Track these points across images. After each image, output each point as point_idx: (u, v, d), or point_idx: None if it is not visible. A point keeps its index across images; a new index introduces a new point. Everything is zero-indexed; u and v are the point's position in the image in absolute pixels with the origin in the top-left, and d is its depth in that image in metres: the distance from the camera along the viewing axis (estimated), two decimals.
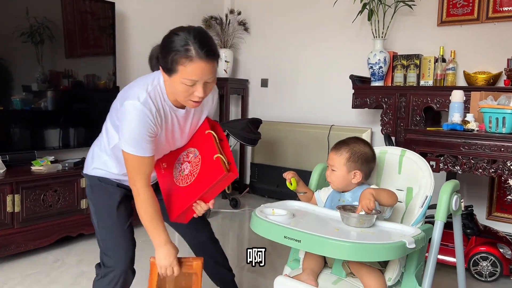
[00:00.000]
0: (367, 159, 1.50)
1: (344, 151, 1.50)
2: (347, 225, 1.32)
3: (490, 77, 3.01)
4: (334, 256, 1.28)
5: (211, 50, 1.32)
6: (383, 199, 1.36)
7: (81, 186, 2.92)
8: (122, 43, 3.69)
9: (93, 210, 1.61)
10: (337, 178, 1.50)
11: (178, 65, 1.30)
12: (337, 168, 1.49)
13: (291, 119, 4.14)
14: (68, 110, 3.21)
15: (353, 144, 1.52)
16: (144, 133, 1.36)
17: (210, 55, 1.31)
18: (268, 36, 4.32)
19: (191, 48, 1.29)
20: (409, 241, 1.18)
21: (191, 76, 1.31)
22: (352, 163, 1.48)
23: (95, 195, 1.60)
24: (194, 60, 1.29)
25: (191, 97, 1.36)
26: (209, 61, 1.31)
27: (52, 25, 3.06)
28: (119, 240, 1.59)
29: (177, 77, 1.32)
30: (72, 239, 2.95)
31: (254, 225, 1.35)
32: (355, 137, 1.57)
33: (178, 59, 1.30)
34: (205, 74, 1.32)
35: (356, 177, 1.48)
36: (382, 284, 1.33)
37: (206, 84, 1.35)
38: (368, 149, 1.52)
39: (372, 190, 1.35)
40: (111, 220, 1.57)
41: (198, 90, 1.34)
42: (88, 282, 2.35)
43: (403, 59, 3.33)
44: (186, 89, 1.34)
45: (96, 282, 1.63)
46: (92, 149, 1.64)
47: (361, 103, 3.32)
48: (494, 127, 2.23)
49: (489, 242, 2.52)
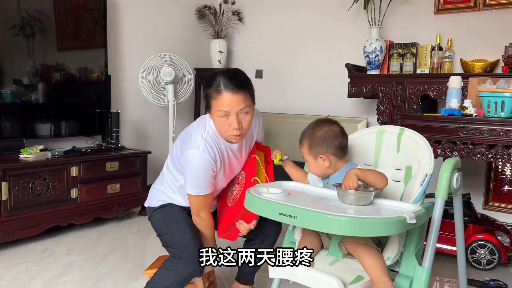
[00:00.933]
0: (326, 139, 1.43)
1: (304, 141, 1.47)
2: (344, 203, 1.27)
3: (488, 64, 2.97)
4: (332, 232, 1.22)
5: (238, 82, 1.46)
6: (370, 179, 1.30)
7: (71, 175, 2.85)
8: (114, 35, 3.62)
9: (165, 224, 1.68)
10: (312, 168, 1.49)
11: (212, 99, 1.47)
12: (306, 159, 1.48)
13: (286, 110, 4.08)
14: (59, 103, 3.15)
15: (310, 130, 1.47)
16: (206, 177, 1.55)
17: (237, 87, 1.44)
18: (262, 26, 4.26)
19: (220, 83, 1.44)
20: (410, 216, 1.13)
21: (222, 107, 1.45)
22: (314, 150, 1.44)
23: (162, 214, 1.71)
24: (223, 92, 1.44)
25: (229, 131, 1.49)
26: (236, 92, 1.44)
27: (43, 18, 3.00)
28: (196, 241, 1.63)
29: (213, 112, 1.48)
30: (62, 229, 2.88)
31: (248, 203, 1.30)
32: (314, 121, 1.51)
33: (211, 94, 1.47)
34: (234, 104, 1.44)
35: (325, 160, 1.43)
36: (381, 264, 1.28)
37: (239, 116, 1.47)
38: (326, 128, 1.45)
39: (357, 170, 1.29)
40: (186, 223, 1.66)
41: (232, 121, 1.46)
42: (78, 271, 2.29)
43: (399, 47, 3.28)
44: (222, 122, 1.48)
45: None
46: (154, 187, 1.81)
47: (357, 92, 3.27)
48: (493, 112, 2.19)
49: (487, 229, 2.48)
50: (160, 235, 1.71)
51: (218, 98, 1.45)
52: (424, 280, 1.28)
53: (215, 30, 4.20)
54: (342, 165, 1.45)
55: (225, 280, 2.22)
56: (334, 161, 1.43)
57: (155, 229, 1.74)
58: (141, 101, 3.68)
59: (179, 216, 1.68)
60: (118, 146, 3.34)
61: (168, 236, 1.65)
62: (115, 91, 3.61)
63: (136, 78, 3.55)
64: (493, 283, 2.25)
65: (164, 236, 1.68)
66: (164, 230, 1.68)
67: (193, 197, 1.59)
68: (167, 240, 1.66)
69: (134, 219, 3.29)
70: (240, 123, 1.48)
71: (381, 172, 1.34)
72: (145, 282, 2.16)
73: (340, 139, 1.44)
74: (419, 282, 1.28)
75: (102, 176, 3.04)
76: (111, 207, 3.11)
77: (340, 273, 1.27)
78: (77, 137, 3.33)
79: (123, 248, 2.66)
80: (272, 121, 4.05)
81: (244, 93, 1.46)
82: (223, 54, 4.17)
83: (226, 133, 1.52)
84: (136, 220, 3.27)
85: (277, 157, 1.63)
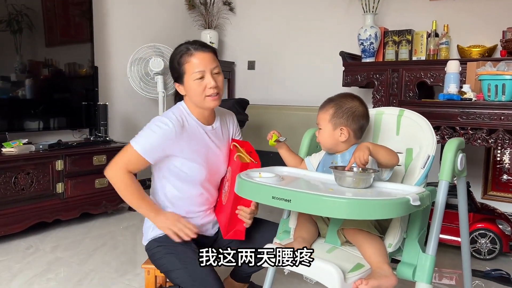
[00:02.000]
0: (354, 114, 1.34)
1: (328, 107, 1.37)
2: (342, 186, 1.18)
3: (485, 50, 2.90)
4: (330, 215, 1.13)
5: (204, 44, 1.50)
6: (382, 156, 1.22)
7: (57, 169, 2.74)
8: (102, 26, 3.51)
9: (175, 258, 1.45)
10: (323, 137, 1.37)
11: (184, 65, 1.46)
12: (323, 126, 1.37)
13: (280, 102, 3.99)
14: (46, 97, 3.04)
15: (339, 99, 1.38)
16: (157, 141, 1.44)
17: (205, 47, 1.48)
18: (254, 16, 4.16)
19: (189, 47, 1.47)
20: (414, 198, 1.04)
21: (197, 67, 1.44)
22: (337, 119, 1.34)
23: (167, 248, 1.48)
24: (194, 53, 1.45)
25: (207, 92, 1.46)
26: (206, 51, 1.47)
27: (31, 13, 2.90)
28: (207, 271, 1.40)
29: (188, 77, 1.46)
30: (48, 226, 2.77)
31: (240, 188, 1.20)
32: (344, 92, 1.43)
33: (183, 60, 1.46)
34: (208, 63, 1.46)
35: (343, 134, 1.34)
36: (382, 251, 1.19)
37: (214, 75, 1.46)
38: (357, 104, 1.37)
39: (369, 144, 1.21)
40: (194, 255, 1.42)
41: (208, 80, 1.45)
42: (62, 268, 2.18)
43: (394, 35, 3.20)
44: (198, 85, 1.45)
45: None
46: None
47: (352, 81, 3.19)
48: (493, 95, 2.11)
49: (488, 218, 2.41)
50: (169, 270, 1.46)
51: (191, 60, 1.45)
52: (428, 267, 1.19)
53: (205, 21, 4.10)
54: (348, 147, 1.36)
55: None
56: (350, 138, 1.35)
57: (161, 265, 1.49)
58: (130, 93, 3.56)
59: (187, 249, 1.46)
60: (106, 139, 3.23)
61: (181, 272, 1.42)
62: (103, 84, 3.49)
63: (124, 69, 3.43)
64: (495, 273, 2.17)
65: (175, 272, 1.43)
66: (175, 264, 1.44)
67: (131, 150, 1.44)
68: (179, 275, 1.42)
69: (123, 215, 3.18)
70: (215, 82, 1.47)
71: (391, 149, 1.26)
72: (134, 277, 2.08)
73: (365, 120, 1.38)
74: (423, 270, 1.19)
75: (89, 170, 2.93)
76: (99, 202, 3.00)
77: (339, 261, 1.17)
78: (64, 131, 3.22)
79: (111, 244, 2.56)
80: (265, 113, 3.95)
81: (212, 53, 1.49)
82: (214, 45, 4.06)
83: (201, 97, 1.47)
84: (125, 215, 3.17)
85: (273, 137, 1.52)
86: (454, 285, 2.13)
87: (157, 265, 1.51)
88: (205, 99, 1.48)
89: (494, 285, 2.11)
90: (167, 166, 1.51)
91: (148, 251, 1.54)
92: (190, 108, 1.54)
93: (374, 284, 1.08)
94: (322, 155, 1.45)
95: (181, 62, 1.47)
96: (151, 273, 1.61)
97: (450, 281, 2.18)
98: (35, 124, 2.98)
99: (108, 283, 2.03)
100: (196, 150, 1.51)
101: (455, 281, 2.17)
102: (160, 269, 1.51)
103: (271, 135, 1.52)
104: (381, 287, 1.11)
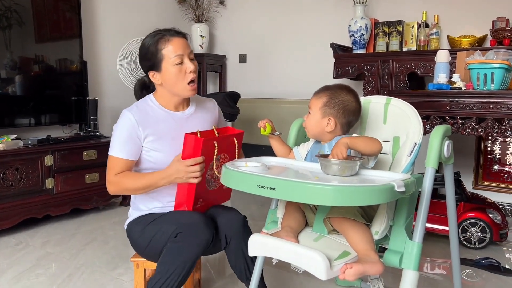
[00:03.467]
0: (346, 108, 1.34)
1: (323, 95, 1.35)
2: (328, 174, 1.17)
3: (475, 40, 2.89)
4: (315, 202, 1.13)
5: (179, 31, 1.51)
6: (361, 147, 1.21)
7: (46, 164, 2.71)
8: (90, 21, 3.48)
9: (149, 228, 1.45)
10: (310, 122, 1.36)
11: (161, 51, 1.44)
12: (313, 111, 1.36)
13: (272, 95, 3.98)
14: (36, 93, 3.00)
15: (335, 90, 1.37)
16: (123, 136, 1.44)
17: (180, 33, 1.50)
18: (245, 9, 4.13)
19: (165, 34, 1.47)
20: (398, 184, 1.03)
21: (176, 51, 1.44)
22: (327, 109, 1.33)
23: (141, 223, 1.49)
24: (172, 38, 1.45)
25: (186, 77, 1.45)
26: (182, 37, 1.48)
27: (20, 9, 2.87)
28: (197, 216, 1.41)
29: (166, 63, 1.44)
30: (38, 221, 2.75)
31: (225, 177, 1.19)
32: (342, 84, 1.42)
33: (159, 47, 1.45)
34: (185, 47, 1.47)
35: (330, 125, 1.33)
36: (368, 238, 1.18)
37: (191, 60, 1.47)
38: (351, 98, 1.36)
39: (346, 139, 1.20)
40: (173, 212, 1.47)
41: (188, 65, 1.45)
42: (54, 263, 2.17)
43: (385, 26, 3.20)
44: (178, 70, 1.44)
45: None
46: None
47: (343, 73, 3.18)
48: (482, 84, 2.11)
49: (478, 207, 2.41)
50: (152, 238, 1.43)
51: (168, 45, 1.44)
52: (415, 255, 1.19)
53: (196, 14, 4.07)
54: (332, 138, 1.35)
55: (212, 270, 2.12)
56: (335, 130, 1.34)
57: (137, 243, 1.48)
58: (120, 87, 3.52)
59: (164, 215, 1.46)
60: (96, 134, 3.20)
61: (165, 227, 1.40)
62: (92, 79, 3.46)
63: (114, 64, 3.40)
64: (485, 262, 2.18)
65: (158, 234, 1.41)
66: (156, 227, 1.43)
67: (110, 159, 1.46)
68: (165, 230, 1.39)
69: (115, 210, 3.16)
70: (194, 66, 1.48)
71: (371, 137, 1.25)
72: (124, 271, 2.07)
73: (355, 116, 1.37)
74: (410, 257, 1.19)
75: (79, 165, 2.91)
76: (90, 197, 2.98)
77: (325, 248, 1.17)
78: (54, 126, 3.19)
79: (102, 239, 2.54)
80: (257, 106, 3.94)
81: (186, 39, 1.51)
82: (204, 39, 4.05)
83: (182, 83, 1.46)
84: (117, 210, 3.15)
85: (266, 128, 1.45)
86: (446, 274, 2.14)
87: (139, 242, 1.47)
88: (185, 87, 1.46)
89: (484, 273, 2.12)
90: (140, 159, 1.50)
91: (128, 232, 1.53)
92: (158, 98, 1.52)
93: (360, 269, 1.08)
94: (311, 144, 1.45)
95: (158, 49, 1.45)
96: (140, 266, 1.59)
97: (442, 271, 2.19)
98: (25, 120, 2.94)
99: (98, 278, 2.02)
100: (161, 137, 1.48)
101: (446, 271, 2.18)
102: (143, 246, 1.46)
103: (264, 124, 1.45)
104: (367, 272, 1.11)
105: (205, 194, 1.49)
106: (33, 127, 3.03)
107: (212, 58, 4.14)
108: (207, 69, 4.04)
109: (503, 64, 2.02)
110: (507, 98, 2.04)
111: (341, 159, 1.16)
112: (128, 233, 1.55)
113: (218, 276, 2.07)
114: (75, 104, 3.23)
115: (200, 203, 1.49)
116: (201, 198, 1.48)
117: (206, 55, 4.02)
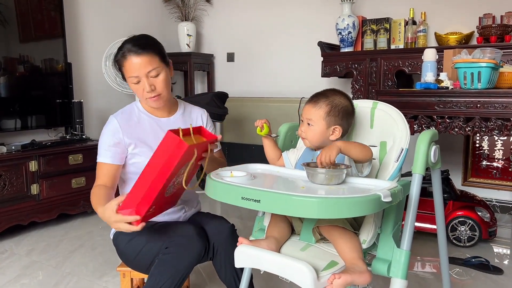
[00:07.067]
0: (347, 113, 1.31)
1: (323, 104, 1.30)
2: (314, 183, 1.15)
3: (462, 37, 2.89)
4: (300, 215, 1.11)
5: (142, 44, 1.40)
6: (354, 153, 1.19)
7: (31, 170, 2.66)
8: (74, 21, 3.41)
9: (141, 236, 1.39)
10: (314, 133, 1.30)
11: (122, 67, 1.42)
12: (315, 122, 1.29)
13: (260, 94, 3.95)
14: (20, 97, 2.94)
15: (333, 96, 1.33)
16: (106, 141, 1.44)
17: (141, 48, 1.38)
18: (231, 7, 4.09)
19: (125, 49, 1.40)
20: (385, 194, 1.01)
21: (131, 73, 1.40)
22: (332, 118, 1.29)
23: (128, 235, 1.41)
24: (128, 57, 1.39)
25: (145, 95, 1.42)
26: (140, 54, 1.38)
27: (3, 8, 2.81)
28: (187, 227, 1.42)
29: (127, 80, 1.43)
30: (23, 228, 2.70)
31: (209, 189, 1.16)
32: (333, 88, 1.39)
33: (120, 62, 1.42)
34: (141, 67, 1.38)
35: (335, 133, 1.30)
36: (356, 247, 1.17)
37: (150, 79, 1.40)
38: (348, 102, 1.34)
39: (341, 143, 1.17)
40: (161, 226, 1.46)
41: (144, 85, 1.40)
42: (39, 272, 2.13)
43: (372, 23, 3.18)
44: (137, 88, 1.42)
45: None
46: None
47: (331, 71, 3.16)
48: (469, 83, 2.10)
49: (467, 206, 2.42)
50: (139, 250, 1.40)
51: (125, 65, 1.41)
52: (403, 263, 1.18)
53: (182, 13, 4.02)
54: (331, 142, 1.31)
55: (206, 276, 2.10)
56: (339, 138, 1.30)
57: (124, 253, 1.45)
58: (106, 89, 3.48)
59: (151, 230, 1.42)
60: (83, 137, 3.15)
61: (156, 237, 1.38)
62: (77, 81, 3.40)
63: (99, 65, 3.35)
64: (475, 260, 2.19)
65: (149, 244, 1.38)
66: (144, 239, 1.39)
67: (97, 165, 1.46)
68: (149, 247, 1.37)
69: None
70: (152, 86, 1.41)
71: (364, 144, 1.23)
72: (111, 279, 2.04)
73: (352, 119, 1.35)
74: (398, 266, 1.18)
75: (65, 170, 2.86)
76: (77, 202, 2.93)
77: (312, 258, 1.15)
78: (39, 130, 3.13)
79: (89, 245, 2.50)
80: (245, 105, 3.91)
81: (149, 54, 1.40)
82: (191, 38, 4.00)
83: (143, 99, 1.46)
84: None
85: (264, 129, 1.37)
86: (436, 273, 2.14)
87: (127, 253, 1.43)
88: (146, 101, 1.46)
89: (474, 272, 2.12)
90: (125, 164, 1.49)
91: (114, 241, 1.49)
92: (143, 104, 1.53)
93: (348, 279, 1.06)
94: (302, 151, 1.42)
95: (120, 64, 1.44)
96: (126, 275, 1.56)
97: (432, 269, 2.19)
98: (9, 124, 2.87)
99: (85, 287, 1.99)
100: (145, 142, 1.47)
101: (436, 270, 2.18)
102: (131, 256, 1.43)
103: (261, 124, 1.37)
104: (355, 282, 1.09)
105: (160, 201, 1.31)
106: (18, 131, 2.97)
107: (200, 57, 4.09)
108: (194, 68, 3.99)
109: (489, 63, 2.01)
110: (494, 97, 2.03)
111: (327, 163, 1.13)
112: (114, 241, 1.52)
113: (210, 280, 2.05)
114: (60, 106, 3.18)
115: (152, 210, 1.29)
116: (155, 205, 1.30)
117: (194, 54, 3.98)
